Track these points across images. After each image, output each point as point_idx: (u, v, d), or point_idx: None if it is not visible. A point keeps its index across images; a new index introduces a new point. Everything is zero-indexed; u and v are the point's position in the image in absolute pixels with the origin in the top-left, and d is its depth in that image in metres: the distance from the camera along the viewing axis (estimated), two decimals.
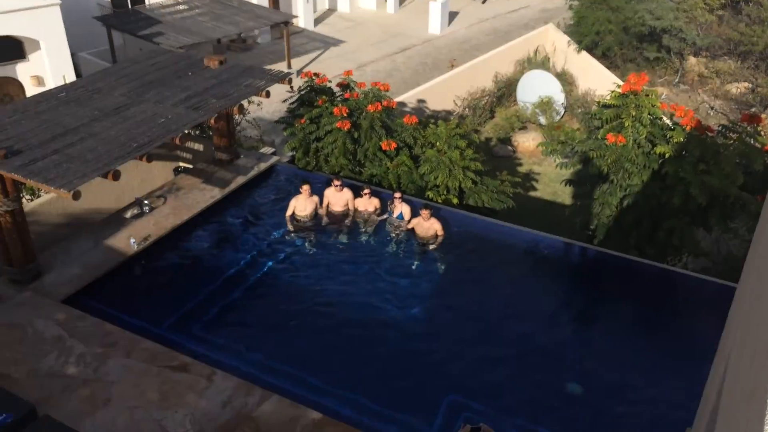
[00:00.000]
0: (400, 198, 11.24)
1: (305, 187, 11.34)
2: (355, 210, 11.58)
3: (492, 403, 8.22)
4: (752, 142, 10.70)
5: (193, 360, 8.29)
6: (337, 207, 11.55)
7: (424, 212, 10.90)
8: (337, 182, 11.45)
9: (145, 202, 11.22)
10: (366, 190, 11.51)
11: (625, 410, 8.30)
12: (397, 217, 11.28)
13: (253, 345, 9.00)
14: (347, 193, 11.55)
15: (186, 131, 10.42)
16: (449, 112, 19.43)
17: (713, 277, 10.64)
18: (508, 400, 8.30)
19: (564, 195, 15.71)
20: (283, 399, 7.77)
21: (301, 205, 11.42)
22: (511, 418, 8.00)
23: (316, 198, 11.53)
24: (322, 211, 11.53)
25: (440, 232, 11.00)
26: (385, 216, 11.47)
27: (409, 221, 11.22)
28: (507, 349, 9.12)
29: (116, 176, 8.67)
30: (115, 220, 10.93)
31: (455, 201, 12.12)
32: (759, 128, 10.99)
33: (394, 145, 12.42)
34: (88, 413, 7.45)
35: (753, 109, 21.52)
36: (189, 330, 9.19)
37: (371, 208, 11.55)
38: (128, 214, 11.06)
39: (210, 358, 8.58)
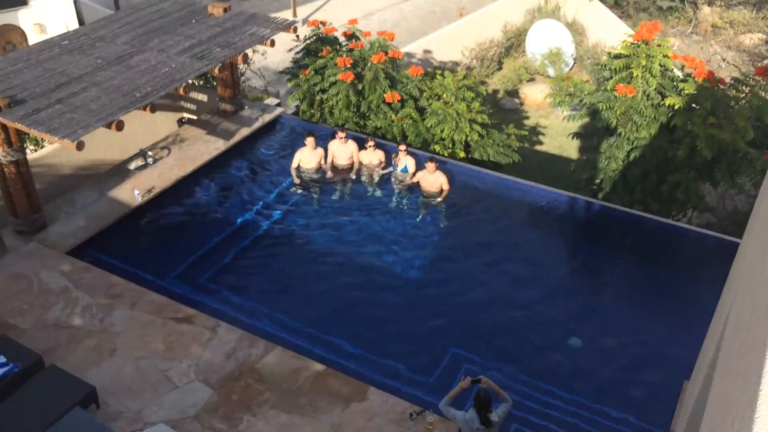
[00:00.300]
0: (405, 150, 11.14)
1: (310, 140, 11.24)
2: (360, 163, 11.50)
3: (493, 356, 8.31)
4: (765, 95, 10.49)
5: (198, 312, 8.38)
6: (342, 160, 11.47)
7: (430, 165, 10.81)
8: (341, 134, 11.35)
9: (149, 153, 11.18)
10: (370, 142, 11.40)
11: (625, 363, 8.38)
12: (401, 170, 11.21)
13: (257, 297, 9.08)
14: (352, 146, 11.46)
15: (190, 81, 10.30)
16: (457, 63, 19.09)
17: (717, 233, 10.59)
18: (510, 354, 8.38)
19: (570, 149, 15.56)
20: (286, 351, 7.87)
21: (306, 157, 11.34)
22: (512, 371, 8.09)
23: (321, 150, 11.45)
24: (326, 165, 11.46)
25: (445, 186, 10.93)
26: (389, 169, 11.40)
27: (414, 174, 11.14)
28: (510, 304, 9.17)
29: (120, 127, 8.62)
30: (120, 172, 10.91)
31: (461, 154, 12.01)
32: None
33: (398, 97, 12.25)
34: (94, 363, 7.57)
35: (766, 61, 21.07)
36: (194, 282, 9.26)
37: (376, 161, 11.47)
38: (132, 166, 11.03)
39: (214, 310, 8.67)
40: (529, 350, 8.49)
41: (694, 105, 10.66)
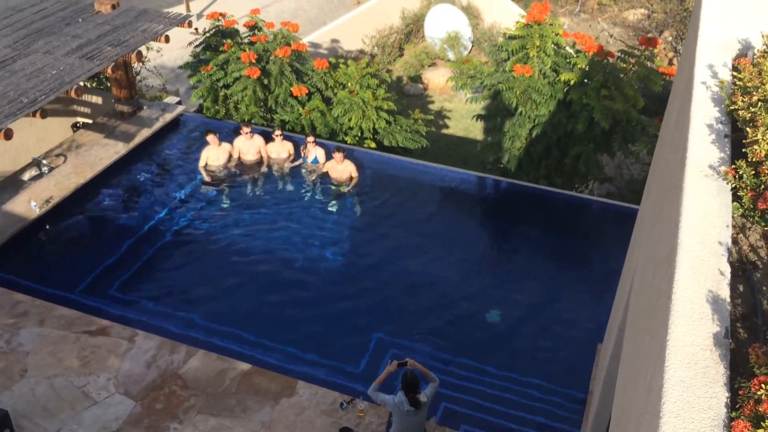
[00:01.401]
0: (313, 142, 11.09)
1: (211, 137, 10.99)
2: (269, 157, 11.35)
3: (417, 338, 8.45)
4: (650, 65, 11.13)
5: (112, 323, 8.07)
6: (249, 155, 11.29)
7: (337, 155, 10.81)
8: (246, 129, 11.16)
9: (44, 162, 10.60)
10: (277, 132, 11.27)
11: (541, 333, 8.73)
12: (312, 162, 11.16)
13: (174, 302, 8.82)
14: (258, 140, 11.29)
15: (81, 83, 9.81)
16: (361, 51, 19.14)
17: (617, 201, 11.18)
18: (432, 334, 8.55)
19: (476, 130, 15.96)
20: (209, 353, 7.72)
21: (213, 155, 11.09)
22: (435, 351, 8.26)
23: (227, 146, 11.22)
24: (232, 162, 11.25)
25: (354, 174, 10.97)
26: (299, 161, 11.32)
27: (323, 165, 11.12)
28: (428, 284, 9.34)
29: (8, 135, 8.14)
30: (13, 183, 10.30)
31: (372, 145, 12.06)
32: (655, 51, 11.42)
33: (305, 90, 12.15)
34: (4, 386, 7.16)
35: (650, 34, 22.29)
36: (104, 293, 8.89)
37: (285, 153, 11.35)
38: (26, 176, 10.43)
39: (130, 320, 8.37)
40: (450, 328, 8.69)
41: (586, 80, 11.17)
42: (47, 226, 9.81)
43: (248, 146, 11.23)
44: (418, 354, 8.00)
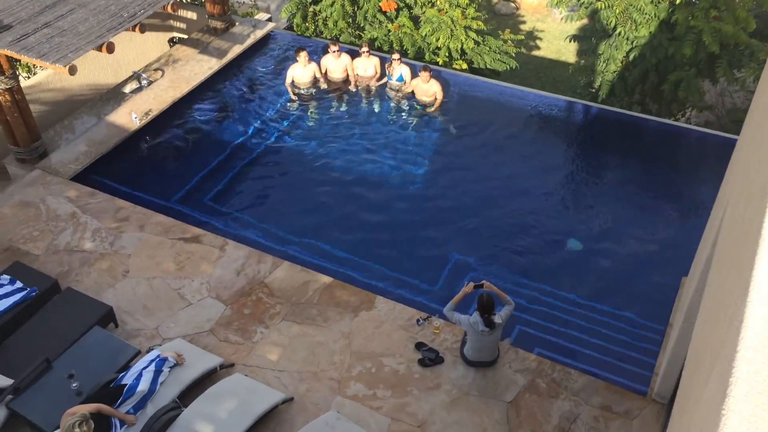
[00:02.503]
0: (399, 60, 10.97)
1: (302, 54, 11.06)
2: (356, 75, 11.35)
3: (495, 262, 8.52)
4: None
5: (205, 231, 8.53)
6: (336, 74, 11.33)
7: (424, 74, 10.69)
8: (333, 48, 11.15)
9: (143, 75, 11.03)
10: (364, 48, 11.20)
11: (623, 263, 8.59)
12: (396, 80, 11.09)
13: (262, 215, 9.21)
14: (345, 58, 11.28)
15: None
16: None
17: (716, 131, 10.60)
18: (510, 258, 8.59)
19: (568, 53, 15.31)
20: (293, 265, 8.07)
21: (299, 73, 11.19)
22: (513, 275, 8.31)
23: (314, 65, 11.28)
24: (320, 80, 11.33)
25: (439, 95, 10.85)
26: (384, 80, 11.27)
27: (408, 83, 11.03)
28: (510, 210, 9.30)
29: (111, 49, 8.48)
30: (115, 96, 10.81)
31: (465, 66, 11.81)
32: None
33: (394, 5, 11.94)
34: (109, 285, 7.79)
35: None
36: (198, 203, 9.37)
37: (371, 70, 11.30)
38: (127, 89, 10.91)
39: (221, 230, 8.82)
40: (529, 254, 8.68)
41: None
42: (146, 137, 10.32)
43: (335, 65, 11.26)
44: (496, 277, 8.09)
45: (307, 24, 12.63)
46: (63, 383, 6.20)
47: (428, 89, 10.82)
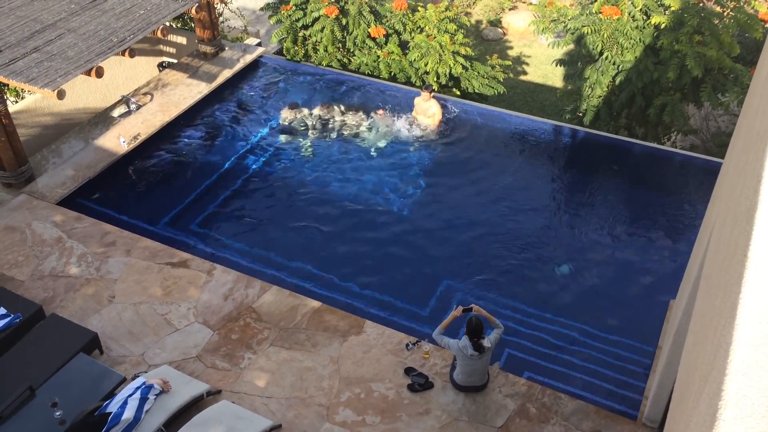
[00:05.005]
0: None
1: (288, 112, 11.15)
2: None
3: (485, 286, 8.49)
4: (749, 10, 10.42)
5: (193, 256, 8.47)
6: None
7: (425, 93, 10.88)
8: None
9: (132, 99, 11.03)
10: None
11: (612, 286, 8.60)
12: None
13: (250, 239, 9.16)
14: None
15: (167, 23, 10.07)
16: None
17: (701, 155, 10.69)
18: (501, 282, 8.57)
19: (555, 77, 15.46)
20: (282, 290, 8.01)
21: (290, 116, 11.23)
22: (503, 299, 8.29)
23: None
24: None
25: (438, 115, 11.02)
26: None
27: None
28: (499, 233, 9.30)
29: (100, 73, 8.50)
30: (103, 120, 10.80)
31: (458, 93, 11.93)
32: None
33: (383, 31, 12.05)
34: (94, 310, 7.69)
35: None
36: (186, 227, 9.32)
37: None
38: (116, 113, 10.90)
39: (209, 254, 8.76)
40: (519, 277, 8.67)
41: (679, 24, 10.58)
42: (134, 162, 10.28)
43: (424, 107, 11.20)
44: (485, 301, 8.06)
45: (297, 48, 12.72)
46: (46, 411, 6.09)
47: (428, 108, 10.95)
